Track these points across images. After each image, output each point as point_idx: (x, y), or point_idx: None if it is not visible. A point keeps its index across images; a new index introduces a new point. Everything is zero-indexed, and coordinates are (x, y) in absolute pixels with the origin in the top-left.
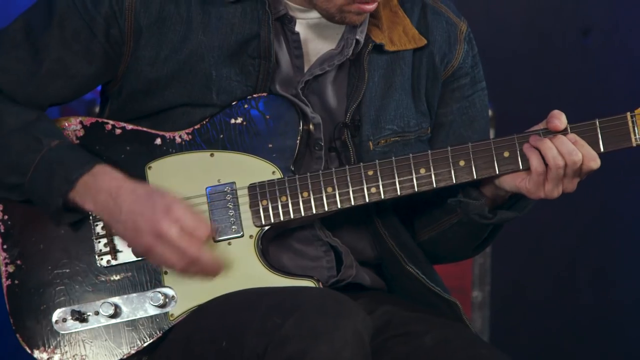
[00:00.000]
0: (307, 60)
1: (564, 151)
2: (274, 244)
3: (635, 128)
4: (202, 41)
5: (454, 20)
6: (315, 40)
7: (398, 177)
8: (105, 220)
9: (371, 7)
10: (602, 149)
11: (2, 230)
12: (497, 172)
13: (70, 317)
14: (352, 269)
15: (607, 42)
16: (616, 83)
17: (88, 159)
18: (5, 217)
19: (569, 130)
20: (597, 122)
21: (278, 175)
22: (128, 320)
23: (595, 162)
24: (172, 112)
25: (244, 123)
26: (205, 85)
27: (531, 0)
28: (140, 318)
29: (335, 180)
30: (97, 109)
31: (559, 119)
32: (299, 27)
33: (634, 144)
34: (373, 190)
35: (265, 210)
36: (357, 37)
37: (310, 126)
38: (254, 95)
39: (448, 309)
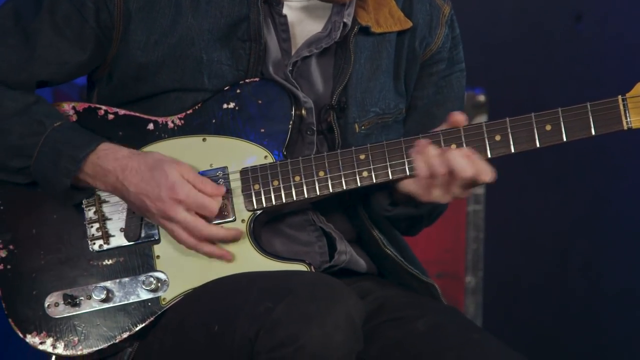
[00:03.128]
0: (294, 44)
1: (456, 167)
2: (266, 230)
3: (627, 111)
4: (192, 25)
5: (437, 3)
6: (302, 23)
7: (389, 161)
8: (117, 195)
9: None
10: (593, 132)
11: None
12: (489, 156)
13: (62, 302)
14: (346, 254)
15: (600, 28)
16: (608, 68)
17: (92, 137)
18: None
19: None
20: (589, 106)
21: (270, 159)
22: (120, 305)
23: (487, 176)
24: (164, 97)
25: (236, 108)
26: (197, 69)
27: None
28: (133, 302)
29: (327, 165)
30: None
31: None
32: (286, 10)
33: (625, 127)
34: (365, 174)
35: (257, 194)
36: (345, 20)
37: (302, 111)
38: (246, 80)
39: (426, 292)
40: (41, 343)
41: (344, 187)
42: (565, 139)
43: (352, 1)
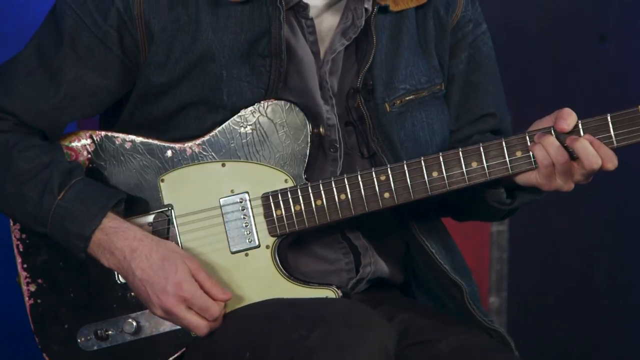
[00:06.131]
0: (321, 42)
1: (583, 155)
2: (292, 249)
3: None
4: (213, 41)
5: None
6: (325, 20)
7: (410, 182)
8: (120, 274)
9: None
10: (615, 144)
11: (21, 249)
12: (511, 172)
13: (93, 336)
14: (370, 266)
15: (624, 48)
16: (633, 88)
17: (96, 210)
18: (24, 235)
19: (580, 127)
20: (609, 117)
21: (290, 183)
22: (151, 336)
23: (612, 163)
24: (183, 117)
25: (253, 131)
26: (216, 86)
27: (548, 6)
28: (163, 333)
29: (347, 187)
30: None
31: (566, 121)
32: (311, 12)
33: None
34: (386, 195)
35: (280, 220)
36: (366, 5)
37: (321, 129)
38: (262, 102)
39: (455, 290)
40: None
41: (367, 209)
42: None
43: None
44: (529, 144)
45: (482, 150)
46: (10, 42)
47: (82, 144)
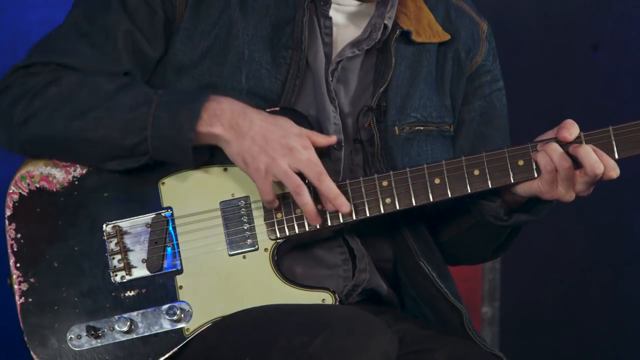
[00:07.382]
0: (335, 48)
1: (587, 162)
2: (291, 251)
3: None
4: (239, 18)
5: (476, 20)
6: (345, 27)
7: (412, 188)
8: (230, 140)
9: None
10: (617, 156)
11: (15, 249)
12: (512, 181)
13: (85, 334)
14: (366, 272)
15: (617, 58)
16: (626, 98)
17: (200, 91)
18: (18, 235)
19: (583, 138)
20: (611, 129)
21: None
22: (144, 336)
23: (615, 172)
24: None
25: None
26: (236, 65)
27: (541, 16)
28: (156, 333)
29: (349, 192)
30: None
31: (569, 131)
32: (332, 13)
33: None
34: (388, 201)
35: (280, 223)
36: (385, 21)
37: None
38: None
39: (454, 315)
40: None
41: (368, 214)
42: None
43: (394, 4)
44: (530, 153)
45: (484, 158)
46: (5, 52)
47: None
